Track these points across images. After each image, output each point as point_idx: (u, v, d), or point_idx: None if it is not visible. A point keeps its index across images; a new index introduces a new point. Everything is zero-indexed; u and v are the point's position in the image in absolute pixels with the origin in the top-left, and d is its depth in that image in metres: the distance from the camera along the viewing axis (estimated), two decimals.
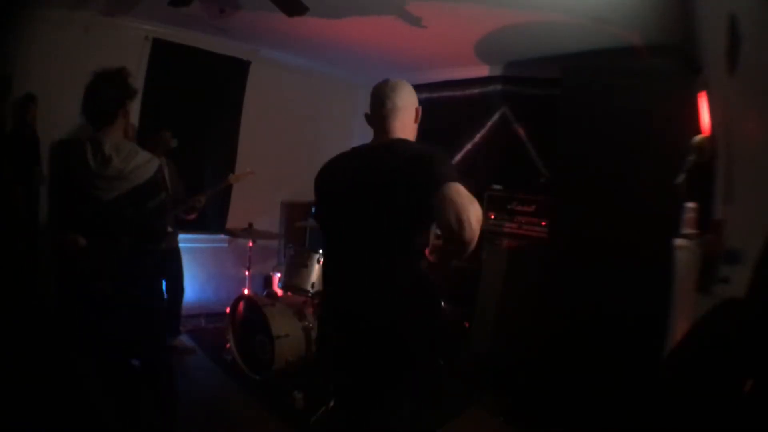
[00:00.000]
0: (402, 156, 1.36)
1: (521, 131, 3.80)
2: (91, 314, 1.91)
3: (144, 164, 1.80)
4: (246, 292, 3.25)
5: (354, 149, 1.55)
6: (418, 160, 1.32)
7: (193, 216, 3.36)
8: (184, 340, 3.43)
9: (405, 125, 1.53)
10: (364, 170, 1.42)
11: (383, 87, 1.53)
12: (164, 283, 3.33)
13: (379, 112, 1.51)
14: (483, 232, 1.54)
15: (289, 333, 2.88)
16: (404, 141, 1.48)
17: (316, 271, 2.93)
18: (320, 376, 2.35)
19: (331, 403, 2.46)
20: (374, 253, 1.38)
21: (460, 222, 1.14)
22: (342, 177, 1.50)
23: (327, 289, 1.59)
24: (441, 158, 1.32)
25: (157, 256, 2.00)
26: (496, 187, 3.48)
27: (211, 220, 4.12)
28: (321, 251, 2.96)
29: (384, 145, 1.47)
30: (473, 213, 1.15)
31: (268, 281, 4.20)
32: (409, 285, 1.39)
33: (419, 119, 1.58)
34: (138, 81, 3.66)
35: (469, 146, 4.14)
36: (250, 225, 3.35)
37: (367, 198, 1.38)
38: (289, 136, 4.63)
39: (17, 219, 2.98)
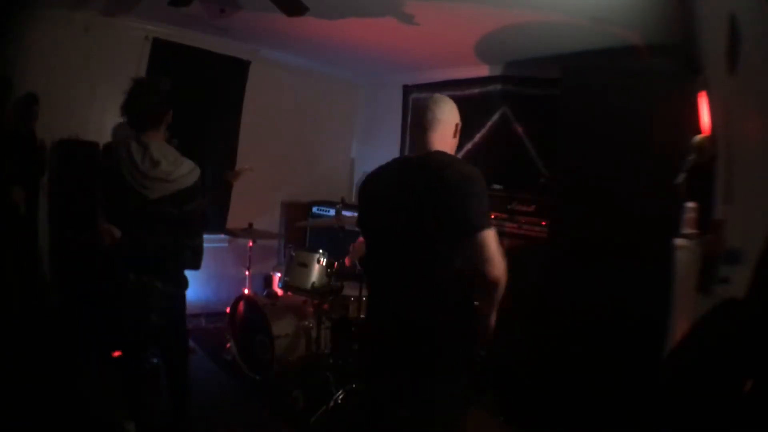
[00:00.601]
0: (441, 174, 1.44)
1: (521, 131, 3.80)
2: (120, 304, 2.02)
3: (189, 172, 2.03)
4: (246, 292, 3.25)
5: (396, 160, 1.65)
6: (456, 187, 1.42)
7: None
8: None
9: (444, 138, 1.59)
10: (405, 182, 1.51)
11: (426, 100, 1.60)
12: None
13: (420, 124, 1.58)
14: None
15: (289, 333, 2.88)
16: (442, 154, 1.54)
17: (316, 270, 2.93)
18: (360, 375, 2.43)
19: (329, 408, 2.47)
20: (415, 259, 1.48)
21: (490, 263, 1.37)
22: (385, 187, 1.60)
23: (373, 294, 1.70)
24: (479, 191, 1.42)
25: (192, 254, 2.16)
26: (496, 187, 3.47)
27: (211, 220, 4.12)
28: (321, 251, 2.96)
29: (423, 158, 1.54)
30: (500, 263, 1.39)
31: (268, 281, 4.20)
32: (448, 288, 1.47)
33: (458, 135, 1.64)
34: None
35: (469, 146, 4.14)
36: (250, 225, 3.35)
37: (407, 209, 1.47)
38: (289, 136, 4.63)
39: (16, 219, 2.98)
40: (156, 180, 1.90)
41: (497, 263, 1.38)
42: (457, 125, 1.63)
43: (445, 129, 1.59)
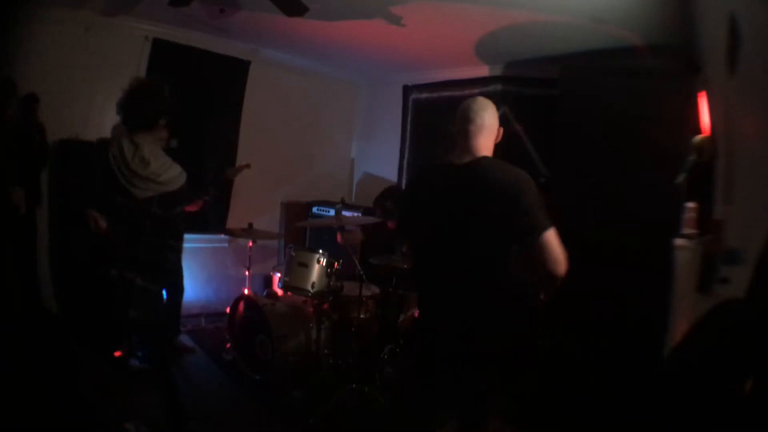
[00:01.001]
0: (493, 180, 1.51)
1: (521, 131, 3.80)
2: (104, 298, 2.08)
3: (178, 175, 2.08)
4: (246, 292, 3.25)
5: (443, 165, 1.65)
6: (510, 192, 1.47)
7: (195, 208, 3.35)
8: (184, 340, 3.43)
9: (488, 143, 1.64)
10: (458, 187, 1.55)
11: (474, 104, 1.63)
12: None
13: (467, 128, 1.60)
14: None
15: (290, 333, 2.88)
16: (491, 161, 1.60)
17: (316, 270, 2.93)
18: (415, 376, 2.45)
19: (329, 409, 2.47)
20: (475, 264, 1.53)
21: (555, 263, 1.47)
22: (436, 193, 1.61)
23: (425, 299, 1.74)
24: (532, 192, 1.49)
25: (177, 254, 2.23)
26: None
27: (211, 220, 4.12)
28: (321, 251, 2.95)
29: (474, 163, 1.58)
30: (564, 258, 1.49)
31: (268, 281, 4.20)
32: (508, 292, 1.55)
33: (498, 139, 1.69)
34: None
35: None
36: (250, 225, 3.35)
37: (462, 215, 1.51)
38: (289, 136, 4.63)
39: (16, 219, 2.97)
40: (145, 179, 1.94)
41: (562, 261, 1.48)
42: (500, 130, 1.67)
43: (491, 134, 1.64)
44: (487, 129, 1.61)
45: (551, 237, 1.47)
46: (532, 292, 1.62)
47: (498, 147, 4.31)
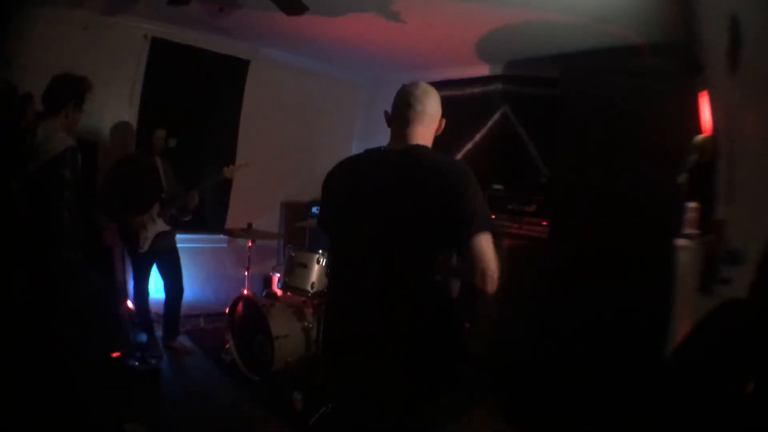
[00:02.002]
0: (428, 170, 1.29)
1: (522, 131, 3.80)
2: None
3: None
4: (245, 292, 3.24)
5: (369, 152, 1.45)
6: (447, 184, 1.26)
7: (188, 218, 3.35)
8: (183, 340, 3.42)
9: (427, 133, 1.44)
10: (384, 177, 1.34)
11: (414, 89, 1.43)
12: (163, 283, 3.32)
13: (405, 115, 1.41)
14: None
15: (289, 333, 2.87)
16: (427, 149, 1.39)
17: (315, 271, 2.92)
18: (323, 380, 2.33)
19: (329, 409, 2.46)
20: (389, 265, 1.31)
21: (484, 276, 1.22)
22: (358, 181, 1.40)
23: (333, 299, 1.52)
24: (470, 186, 1.27)
25: None
26: (497, 186, 3.47)
27: (210, 220, 4.11)
28: (321, 251, 2.95)
29: (406, 151, 1.37)
30: (495, 268, 1.23)
31: (267, 281, 4.19)
32: (424, 299, 1.32)
33: (440, 130, 1.49)
34: (137, 80, 3.66)
35: (469, 146, 4.13)
36: (250, 225, 3.34)
37: (386, 206, 1.31)
38: (289, 135, 4.62)
39: (12, 218, 2.96)
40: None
41: (493, 277, 1.22)
42: (442, 121, 1.48)
43: (432, 124, 1.44)
44: (428, 116, 1.41)
45: (486, 242, 1.22)
46: (457, 310, 1.38)
47: (498, 146, 4.29)
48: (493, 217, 3.32)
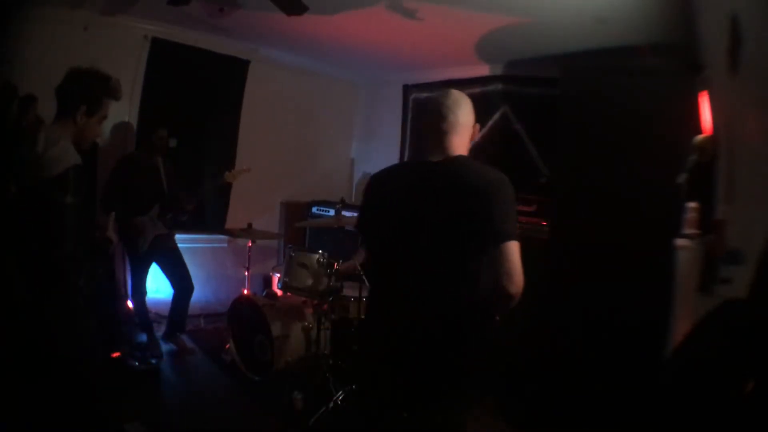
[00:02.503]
0: (466, 180, 1.36)
1: (522, 131, 3.80)
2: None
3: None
4: (245, 292, 3.24)
5: (410, 163, 1.58)
6: (483, 193, 1.33)
7: (184, 218, 3.35)
8: (184, 340, 3.43)
9: (464, 142, 1.48)
10: (425, 188, 1.39)
11: (445, 99, 1.46)
12: (170, 282, 3.33)
13: (439, 126, 1.44)
14: None
15: (289, 333, 2.87)
16: (466, 160, 1.44)
17: (315, 271, 2.92)
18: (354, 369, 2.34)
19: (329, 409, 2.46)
20: (429, 274, 1.37)
21: (510, 277, 1.28)
22: (400, 192, 1.45)
23: (375, 309, 1.56)
24: (506, 197, 1.34)
25: None
26: None
27: (211, 220, 4.11)
28: (321, 251, 2.95)
29: (446, 162, 1.42)
30: (521, 273, 1.30)
31: (267, 281, 4.19)
32: (469, 308, 1.36)
33: (474, 137, 1.53)
34: (137, 80, 3.66)
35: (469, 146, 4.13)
36: (250, 225, 3.35)
37: (428, 218, 1.36)
38: (289, 135, 4.62)
39: (18, 222, 2.96)
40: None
41: (517, 279, 1.29)
42: (475, 127, 1.52)
43: (466, 132, 1.48)
44: (462, 127, 1.45)
45: (513, 249, 1.30)
46: (493, 316, 1.44)
47: (498, 146, 4.30)
48: None
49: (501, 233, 1.30)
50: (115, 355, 2.86)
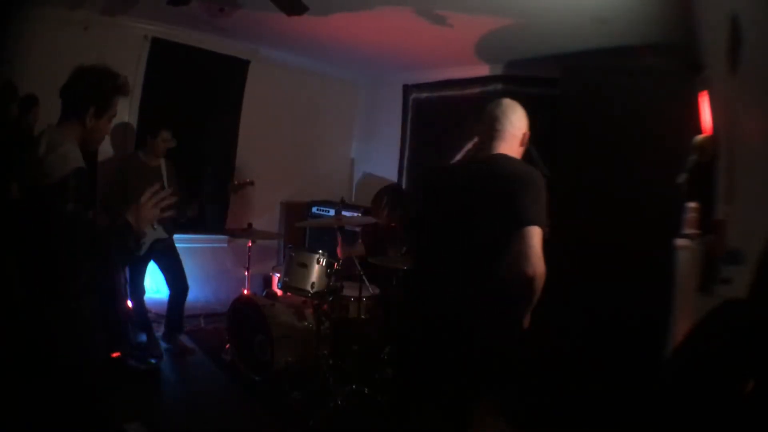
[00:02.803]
0: (502, 173, 1.53)
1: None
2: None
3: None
4: (245, 292, 3.24)
5: (460, 161, 1.82)
6: (514, 183, 1.48)
7: (183, 219, 3.35)
8: (184, 340, 3.43)
9: (511, 148, 1.67)
10: (470, 179, 1.60)
11: (500, 107, 1.68)
12: (167, 282, 3.33)
13: (490, 132, 1.66)
14: None
15: (289, 333, 2.87)
16: (506, 157, 1.62)
17: (315, 271, 2.92)
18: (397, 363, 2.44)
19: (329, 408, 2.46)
20: (472, 252, 1.52)
21: (527, 258, 1.37)
22: (452, 184, 1.66)
23: (419, 286, 1.73)
24: (536, 192, 1.47)
25: None
26: None
27: (211, 220, 4.11)
28: (321, 251, 2.94)
29: (488, 158, 1.62)
30: (538, 262, 1.38)
31: (267, 281, 4.19)
32: (496, 283, 1.47)
33: (526, 144, 1.72)
34: (137, 80, 3.66)
35: (469, 146, 4.13)
36: (250, 225, 3.35)
37: (470, 204, 1.54)
38: (289, 135, 4.63)
39: (18, 222, 2.96)
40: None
41: (534, 262, 1.37)
42: (525, 134, 1.70)
43: (514, 140, 1.68)
44: (510, 136, 1.65)
45: (535, 233, 1.40)
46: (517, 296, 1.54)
47: None
48: None
49: (522, 217, 1.40)
50: (115, 355, 2.86)
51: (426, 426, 1.64)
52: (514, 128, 1.67)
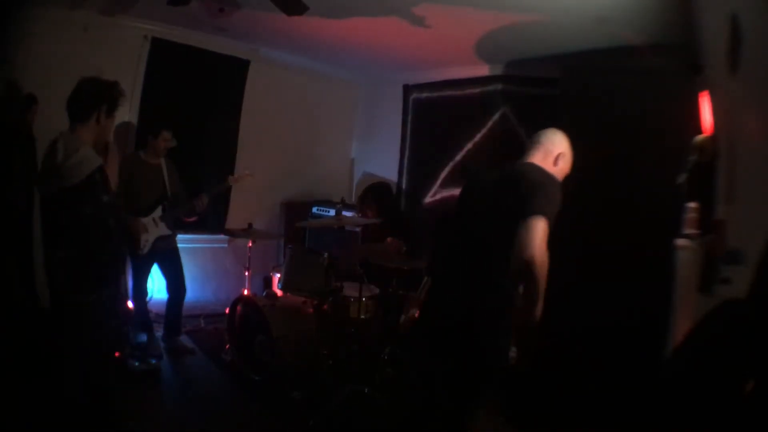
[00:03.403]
0: (521, 173, 1.69)
1: (522, 131, 3.80)
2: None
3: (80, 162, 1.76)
4: (245, 292, 3.24)
5: (495, 167, 1.90)
6: (528, 180, 1.63)
7: (193, 218, 3.35)
8: (184, 340, 3.43)
9: (543, 162, 1.80)
10: (495, 184, 1.77)
11: (541, 130, 1.88)
12: (166, 283, 3.33)
13: (526, 145, 1.86)
14: None
15: (289, 333, 2.87)
16: (531, 165, 1.76)
17: (316, 271, 2.92)
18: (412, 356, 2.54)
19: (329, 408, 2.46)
20: (489, 245, 1.70)
21: (528, 245, 1.46)
22: (479, 190, 1.87)
23: (439, 284, 1.91)
24: (546, 189, 1.60)
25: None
26: None
27: (211, 220, 4.11)
28: (321, 251, 2.94)
29: (516, 165, 1.79)
30: (539, 249, 1.47)
31: (267, 281, 4.19)
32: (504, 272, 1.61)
33: (560, 164, 1.82)
34: (137, 81, 3.66)
35: (469, 146, 4.13)
36: (250, 225, 3.35)
37: (494, 204, 1.70)
38: (289, 136, 4.63)
39: (17, 221, 2.97)
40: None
41: (535, 249, 1.44)
42: (560, 154, 1.80)
43: (546, 155, 1.80)
44: (542, 148, 1.81)
45: (539, 222, 1.48)
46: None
47: (498, 146, 4.30)
48: None
49: (528, 208, 1.50)
50: (116, 354, 2.86)
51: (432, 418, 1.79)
52: (549, 146, 1.81)
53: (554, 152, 1.79)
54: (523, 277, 1.49)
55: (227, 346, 3.15)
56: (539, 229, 1.47)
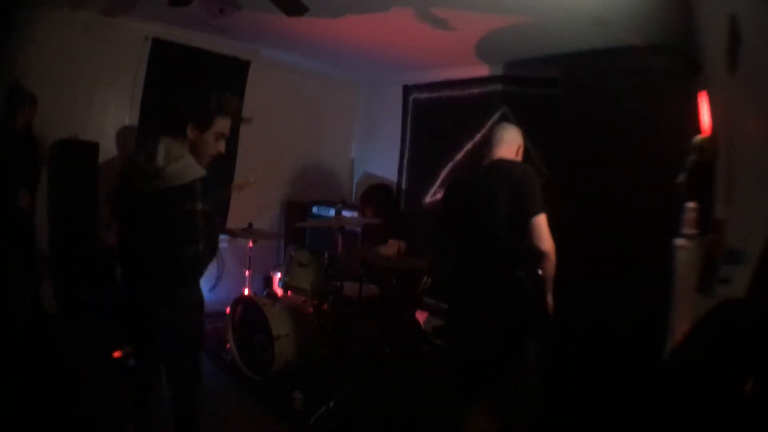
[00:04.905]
0: (507, 172, 1.91)
1: (521, 131, 3.80)
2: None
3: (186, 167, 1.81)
4: (246, 292, 3.25)
5: (472, 168, 2.14)
6: (517, 181, 1.86)
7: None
8: None
9: (508, 154, 2.03)
10: (481, 184, 1.96)
11: (497, 126, 2.16)
12: None
13: (489, 143, 2.07)
14: None
15: (289, 333, 2.88)
16: (505, 160, 2.00)
17: (316, 271, 2.93)
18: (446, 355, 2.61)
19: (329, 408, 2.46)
20: (493, 244, 1.88)
21: (540, 238, 1.81)
22: (464, 191, 2.07)
23: (458, 285, 2.05)
24: (536, 185, 1.85)
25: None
26: None
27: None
28: (321, 251, 2.95)
29: (491, 163, 2.01)
30: (548, 236, 1.83)
31: (268, 281, 4.19)
32: (516, 262, 1.83)
33: (520, 155, 2.08)
34: (137, 81, 3.67)
35: (469, 146, 4.13)
36: (250, 225, 3.35)
37: (487, 205, 1.88)
38: (289, 136, 4.63)
39: (21, 222, 2.98)
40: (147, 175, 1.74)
41: (545, 239, 1.80)
42: (519, 146, 2.06)
43: (510, 147, 2.04)
44: (504, 143, 2.03)
45: (541, 220, 1.80)
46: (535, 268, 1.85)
47: None
48: None
49: (530, 211, 1.80)
50: (116, 355, 2.86)
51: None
52: (510, 138, 2.05)
53: (516, 145, 2.05)
54: (539, 266, 1.80)
55: (227, 346, 3.15)
56: (544, 225, 1.80)
